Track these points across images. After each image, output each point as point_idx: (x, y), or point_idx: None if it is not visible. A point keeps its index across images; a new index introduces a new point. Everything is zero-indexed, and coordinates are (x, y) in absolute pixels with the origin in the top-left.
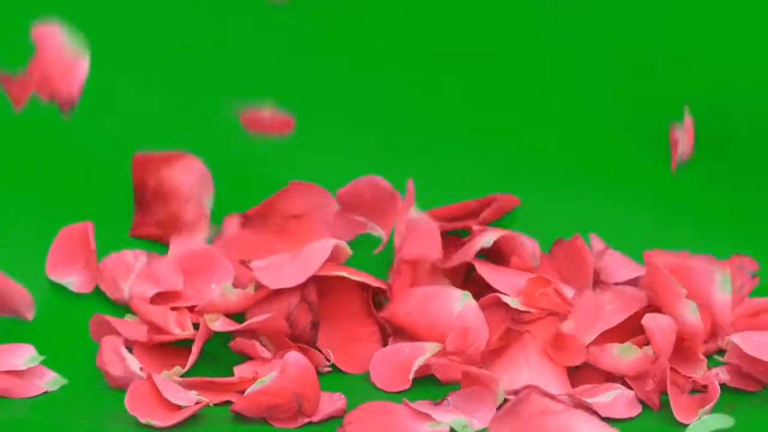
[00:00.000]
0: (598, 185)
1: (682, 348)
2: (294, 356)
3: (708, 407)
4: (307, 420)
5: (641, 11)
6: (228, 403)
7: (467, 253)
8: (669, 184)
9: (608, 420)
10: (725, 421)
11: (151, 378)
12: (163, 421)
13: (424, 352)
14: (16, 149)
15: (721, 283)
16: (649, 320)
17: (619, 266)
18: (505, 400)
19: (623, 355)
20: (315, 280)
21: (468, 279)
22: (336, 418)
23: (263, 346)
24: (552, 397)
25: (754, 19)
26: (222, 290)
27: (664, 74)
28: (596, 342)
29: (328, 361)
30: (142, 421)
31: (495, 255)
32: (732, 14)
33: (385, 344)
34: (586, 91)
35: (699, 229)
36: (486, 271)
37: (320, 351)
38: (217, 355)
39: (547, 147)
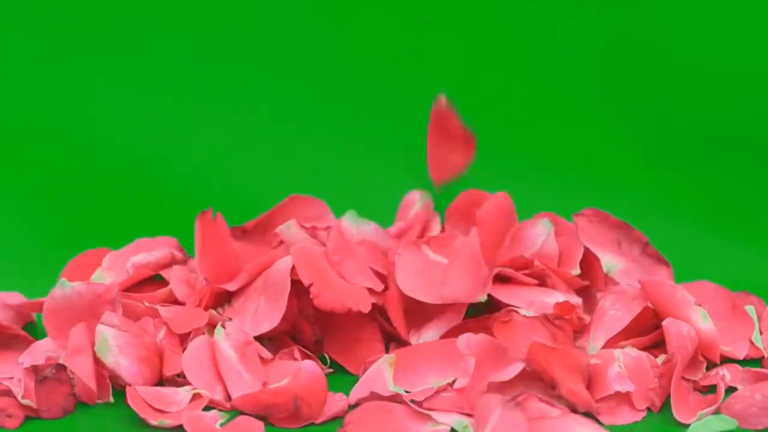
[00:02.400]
0: (600, 188)
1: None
2: (308, 365)
3: (712, 408)
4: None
5: (640, 13)
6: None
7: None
8: (670, 184)
9: (611, 426)
10: (729, 423)
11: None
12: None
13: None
14: None
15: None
16: (670, 324)
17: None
18: None
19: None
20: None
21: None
22: (337, 418)
23: (263, 346)
24: (549, 403)
25: (753, 21)
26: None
27: (663, 75)
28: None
29: (326, 363)
30: (155, 422)
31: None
32: (732, 16)
33: (387, 346)
34: (589, 98)
35: (699, 229)
36: (497, 291)
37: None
38: None
39: (544, 149)
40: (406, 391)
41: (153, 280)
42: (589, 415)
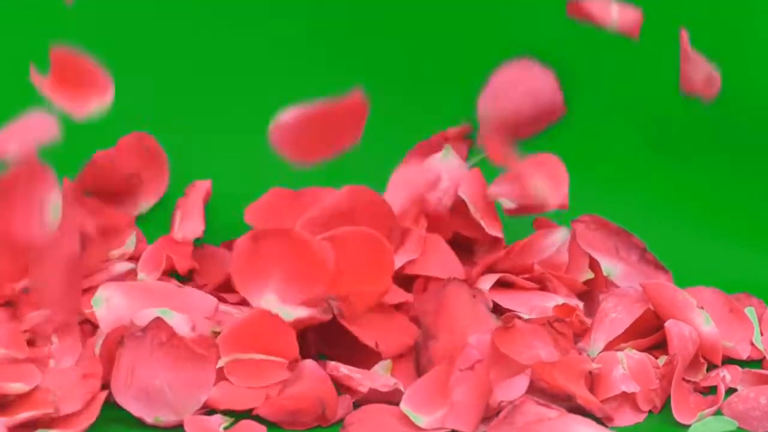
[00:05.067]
0: (600, 188)
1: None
2: (309, 364)
3: (713, 409)
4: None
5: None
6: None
7: None
8: (669, 185)
9: (612, 428)
10: (728, 424)
11: None
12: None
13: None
14: None
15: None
16: (672, 326)
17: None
18: (499, 411)
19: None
20: None
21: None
22: (340, 420)
23: None
24: (547, 405)
25: (753, 21)
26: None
27: (664, 75)
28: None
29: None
30: (150, 420)
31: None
32: (731, 16)
33: None
34: (588, 95)
35: (698, 230)
36: (498, 296)
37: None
38: None
39: (544, 150)
40: None
41: None
42: (597, 419)
